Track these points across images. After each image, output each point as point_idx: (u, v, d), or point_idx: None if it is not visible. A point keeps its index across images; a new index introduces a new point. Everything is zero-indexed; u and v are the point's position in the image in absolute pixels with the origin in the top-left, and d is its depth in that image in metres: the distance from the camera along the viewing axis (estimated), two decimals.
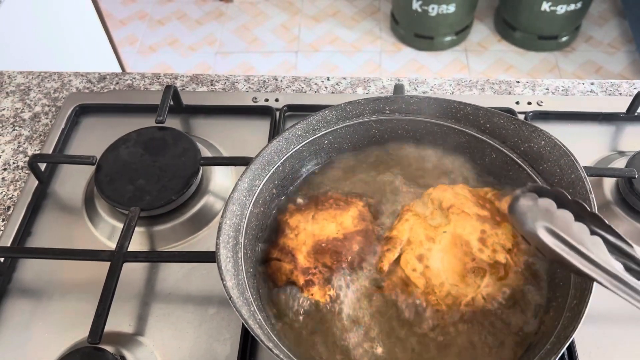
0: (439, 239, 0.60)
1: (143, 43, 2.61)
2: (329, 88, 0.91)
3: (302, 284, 0.59)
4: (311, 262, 0.60)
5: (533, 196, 0.54)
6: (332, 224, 0.63)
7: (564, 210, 0.51)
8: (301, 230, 0.63)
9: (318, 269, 0.60)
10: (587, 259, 0.49)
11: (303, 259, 0.60)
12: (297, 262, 0.60)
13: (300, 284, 0.59)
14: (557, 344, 0.50)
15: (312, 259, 0.61)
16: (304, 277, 0.60)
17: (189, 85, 0.92)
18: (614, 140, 0.81)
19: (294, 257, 0.61)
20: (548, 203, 0.52)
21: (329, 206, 0.65)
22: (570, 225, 0.50)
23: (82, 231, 0.75)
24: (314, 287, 0.59)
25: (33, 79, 0.95)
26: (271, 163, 0.64)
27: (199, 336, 0.65)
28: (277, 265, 0.61)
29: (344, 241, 0.61)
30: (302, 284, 0.59)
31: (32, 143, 0.85)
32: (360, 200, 0.66)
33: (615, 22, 2.56)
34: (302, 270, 0.60)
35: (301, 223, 0.63)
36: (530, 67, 2.42)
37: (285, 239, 0.63)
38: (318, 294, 0.59)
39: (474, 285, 0.57)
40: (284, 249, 0.62)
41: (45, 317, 0.67)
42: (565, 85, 0.89)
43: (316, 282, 0.59)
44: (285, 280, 0.60)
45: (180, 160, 0.76)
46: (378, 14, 2.68)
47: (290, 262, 0.61)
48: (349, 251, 0.61)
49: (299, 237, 0.62)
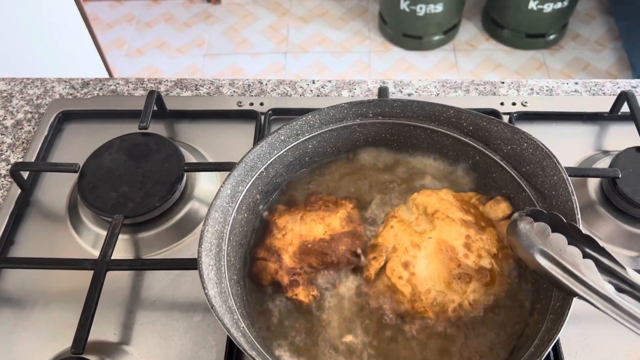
0: (424, 245, 0.59)
1: (131, 46, 2.59)
2: (314, 91, 0.90)
3: (287, 284, 0.59)
4: (296, 262, 0.60)
5: (529, 220, 0.56)
6: (319, 225, 0.63)
7: (558, 234, 0.53)
8: (288, 230, 0.63)
9: (303, 269, 0.60)
10: (580, 281, 0.50)
11: (289, 259, 0.61)
12: (282, 262, 0.60)
13: (284, 283, 0.60)
14: (541, 346, 0.50)
15: (298, 259, 0.61)
16: (289, 277, 0.60)
17: (173, 90, 0.92)
18: (598, 140, 0.81)
19: (280, 257, 0.61)
20: (543, 226, 0.54)
21: (317, 207, 0.65)
22: (563, 248, 0.52)
23: (66, 239, 0.74)
24: (298, 288, 0.59)
25: (15, 85, 0.94)
26: (254, 169, 0.64)
27: (184, 344, 0.64)
28: (263, 265, 0.61)
29: (330, 242, 0.61)
30: (286, 284, 0.60)
31: (14, 151, 0.85)
32: (349, 202, 0.66)
33: (601, 20, 2.58)
34: (287, 271, 0.60)
35: (289, 223, 0.63)
36: (519, 66, 2.43)
37: (273, 238, 0.63)
38: (302, 295, 0.59)
39: (460, 292, 0.57)
40: (271, 248, 0.62)
41: (28, 326, 0.67)
42: (550, 85, 0.89)
43: (300, 283, 0.59)
44: (270, 280, 0.61)
45: (164, 166, 0.75)
46: (366, 14, 2.68)
47: (275, 261, 0.61)
48: (335, 252, 0.61)
49: (285, 237, 0.62)
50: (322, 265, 0.60)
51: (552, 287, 0.55)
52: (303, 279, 0.60)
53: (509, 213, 0.63)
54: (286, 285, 0.60)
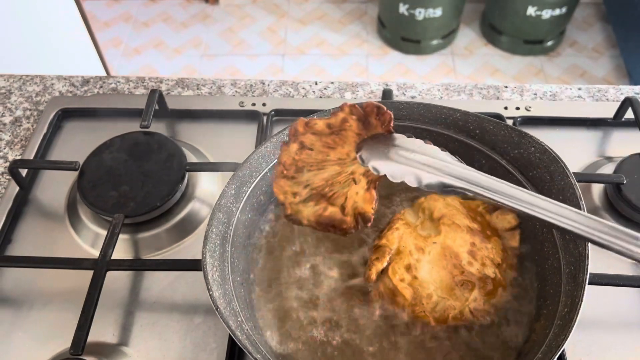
0: (428, 249, 0.59)
1: (128, 45, 2.58)
2: (316, 92, 0.90)
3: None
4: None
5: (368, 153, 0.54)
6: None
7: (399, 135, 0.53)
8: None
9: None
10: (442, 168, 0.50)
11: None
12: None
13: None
14: (549, 352, 0.50)
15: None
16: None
17: (175, 89, 0.91)
18: (601, 146, 0.81)
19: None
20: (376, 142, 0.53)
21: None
22: (421, 145, 0.52)
23: (65, 239, 0.73)
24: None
25: (14, 82, 0.93)
26: (259, 169, 0.63)
27: (184, 346, 0.63)
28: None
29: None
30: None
31: (12, 148, 0.84)
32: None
33: (599, 27, 2.59)
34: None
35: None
36: (516, 72, 2.43)
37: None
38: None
39: (462, 299, 0.56)
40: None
41: (26, 327, 0.65)
42: (553, 91, 0.89)
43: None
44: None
45: (166, 165, 0.74)
46: (365, 18, 2.68)
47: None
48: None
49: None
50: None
51: (559, 293, 0.54)
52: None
53: (515, 224, 0.62)
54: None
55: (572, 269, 0.54)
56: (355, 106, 0.55)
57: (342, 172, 0.56)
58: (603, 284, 0.61)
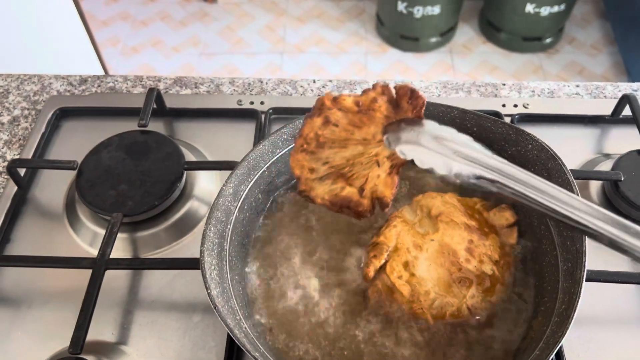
0: (426, 247, 0.59)
1: (126, 44, 2.58)
2: (315, 90, 0.90)
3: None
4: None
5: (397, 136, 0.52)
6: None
7: (429, 120, 0.50)
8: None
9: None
10: (476, 158, 0.47)
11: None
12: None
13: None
14: (546, 349, 0.50)
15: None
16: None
17: (173, 87, 0.91)
18: (599, 143, 0.81)
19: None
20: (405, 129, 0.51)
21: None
22: (454, 134, 0.49)
23: (63, 238, 0.73)
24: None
25: (12, 81, 0.93)
26: (257, 167, 0.63)
27: (183, 344, 0.63)
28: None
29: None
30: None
31: (11, 147, 0.83)
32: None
33: (597, 24, 2.59)
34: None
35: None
36: (515, 69, 2.43)
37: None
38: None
39: (460, 296, 0.57)
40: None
41: (25, 326, 0.65)
42: (551, 88, 0.89)
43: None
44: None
45: (164, 164, 0.74)
46: (363, 15, 2.67)
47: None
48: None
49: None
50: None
51: (556, 290, 0.55)
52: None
53: (513, 221, 0.62)
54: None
55: (569, 265, 0.54)
56: (388, 87, 0.52)
57: (365, 152, 0.54)
58: (601, 280, 0.62)
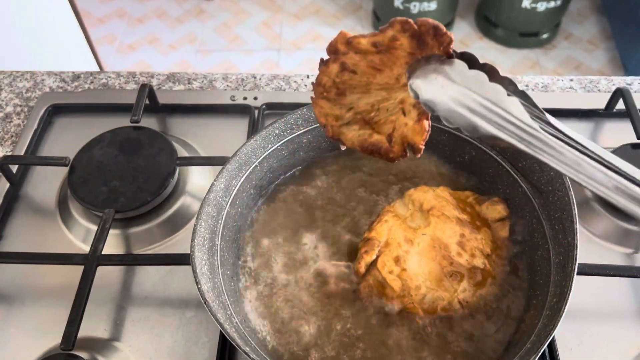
0: (417, 241, 0.59)
1: (122, 42, 2.57)
2: (308, 86, 0.90)
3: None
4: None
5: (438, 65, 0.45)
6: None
7: (476, 70, 0.45)
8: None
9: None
10: (504, 119, 0.43)
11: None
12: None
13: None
14: (537, 342, 0.50)
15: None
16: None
17: (166, 83, 0.91)
18: (592, 137, 0.81)
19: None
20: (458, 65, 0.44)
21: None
22: (485, 86, 0.44)
23: (56, 234, 0.73)
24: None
25: (4, 78, 0.92)
26: (248, 163, 0.63)
27: (176, 340, 0.63)
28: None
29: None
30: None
31: (3, 144, 0.83)
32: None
33: (594, 19, 2.59)
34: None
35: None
36: (512, 64, 2.43)
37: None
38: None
39: (451, 290, 0.56)
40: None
41: (17, 323, 0.65)
42: (545, 82, 0.89)
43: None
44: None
45: (156, 160, 0.74)
46: (360, 12, 2.67)
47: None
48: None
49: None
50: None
51: (548, 284, 0.54)
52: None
53: (505, 215, 0.62)
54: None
55: (561, 259, 0.54)
56: (409, 21, 0.44)
57: (389, 98, 0.49)
58: (592, 274, 0.62)
